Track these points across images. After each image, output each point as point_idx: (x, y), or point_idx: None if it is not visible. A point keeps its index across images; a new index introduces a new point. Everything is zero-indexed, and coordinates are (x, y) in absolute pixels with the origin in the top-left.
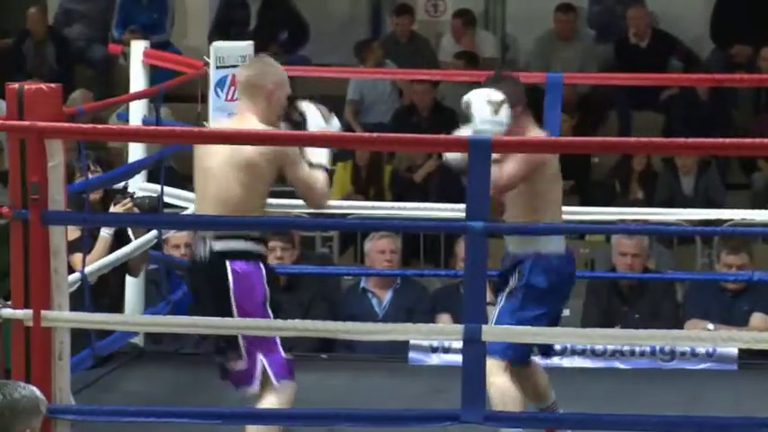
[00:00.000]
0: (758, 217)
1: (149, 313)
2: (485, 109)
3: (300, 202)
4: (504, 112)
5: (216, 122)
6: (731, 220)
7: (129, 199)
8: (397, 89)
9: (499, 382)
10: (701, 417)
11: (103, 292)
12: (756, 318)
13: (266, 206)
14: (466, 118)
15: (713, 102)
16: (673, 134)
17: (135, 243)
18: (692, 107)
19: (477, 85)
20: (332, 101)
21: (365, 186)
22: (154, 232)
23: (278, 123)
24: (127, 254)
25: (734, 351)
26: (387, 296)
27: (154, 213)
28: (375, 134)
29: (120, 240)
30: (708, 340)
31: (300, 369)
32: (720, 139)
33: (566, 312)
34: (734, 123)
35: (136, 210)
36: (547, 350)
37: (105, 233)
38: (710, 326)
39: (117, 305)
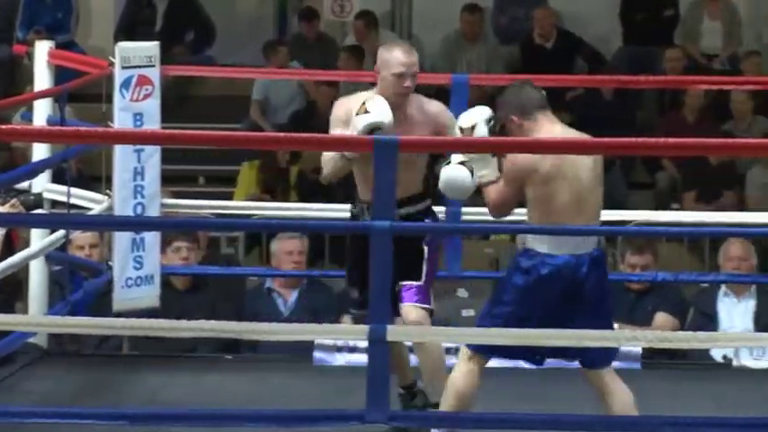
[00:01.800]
0: (662, 217)
1: (50, 314)
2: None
3: (206, 202)
4: (478, 133)
5: (121, 123)
6: (635, 219)
7: (15, 198)
8: (303, 90)
9: (455, 374)
10: (605, 416)
11: None
12: (660, 317)
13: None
14: None
15: (618, 102)
16: None
17: (40, 244)
18: (597, 107)
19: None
20: (237, 101)
21: (271, 187)
22: (59, 232)
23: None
24: (32, 254)
25: (638, 350)
26: (292, 296)
27: (50, 212)
28: (281, 134)
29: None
30: (612, 339)
31: (205, 370)
32: (626, 139)
33: (471, 312)
34: (638, 123)
35: (22, 209)
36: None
37: None
38: (615, 325)
39: (11, 304)
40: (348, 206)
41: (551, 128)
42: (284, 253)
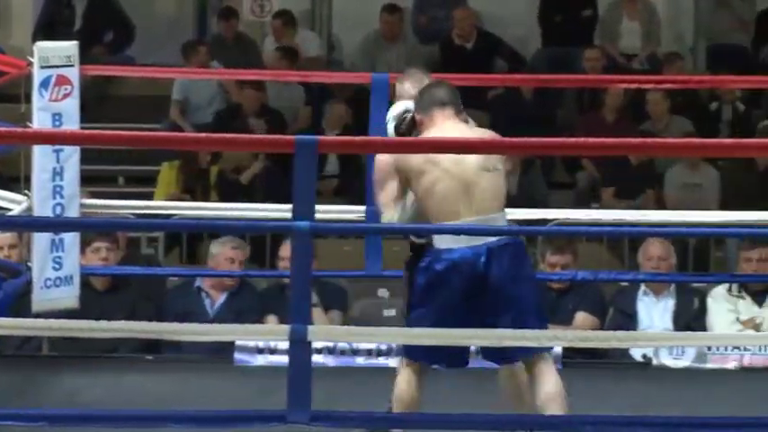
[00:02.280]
0: (582, 216)
1: None
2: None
3: (125, 202)
4: (390, 128)
5: (40, 123)
6: (555, 219)
7: None
8: (223, 91)
9: (397, 380)
10: (526, 415)
11: None
12: (580, 316)
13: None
14: None
15: (538, 101)
16: (498, 134)
17: None
18: (517, 107)
19: (303, 84)
20: (157, 101)
21: (191, 187)
22: None
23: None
24: None
25: (558, 350)
26: (221, 298)
27: None
28: (201, 134)
29: None
30: (532, 339)
31: (125, 371)
32: (545, 139)
33: (392, 312)
34: (558, 123)
35: None
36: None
37: None
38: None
39: None
40: (269, 206)
41: (442, 124)
42: (225, 259)
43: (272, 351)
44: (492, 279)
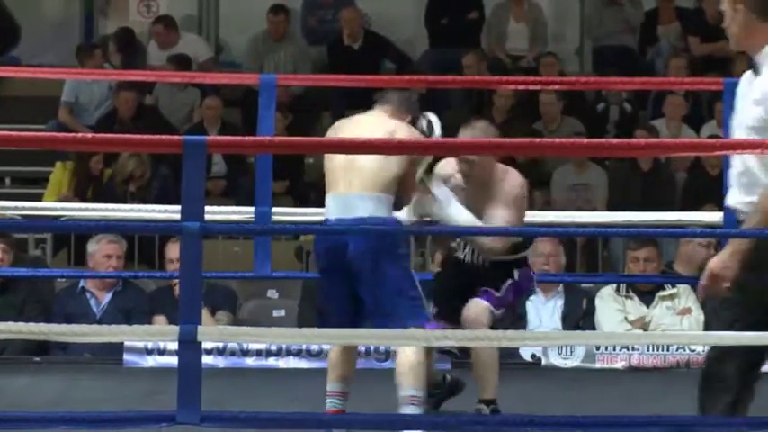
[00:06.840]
0: None
1: None
2: None
3: (12, 203)
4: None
5: None
6: None
7: None
8: (113, 94)
9: None
10: (416, 414)
11: None
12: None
13: None
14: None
15: (425, 103)
16: None
17: None
18: None
19: (192, 86)
20: (44, 102)
21: (83, 189)
22: None
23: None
24: None
25: None
26: (106, 297)
27: None
28: (88, 135)
29: None
30: (422, 339)
31: (13, 372)
32: (435, 140)
33: (281, 313)
34: (447, 124)
35: None
36: None
37: None
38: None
39: None
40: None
41: (362, 116)
42: (102, 256)
43: (162, 352)
44: (355, 256)
